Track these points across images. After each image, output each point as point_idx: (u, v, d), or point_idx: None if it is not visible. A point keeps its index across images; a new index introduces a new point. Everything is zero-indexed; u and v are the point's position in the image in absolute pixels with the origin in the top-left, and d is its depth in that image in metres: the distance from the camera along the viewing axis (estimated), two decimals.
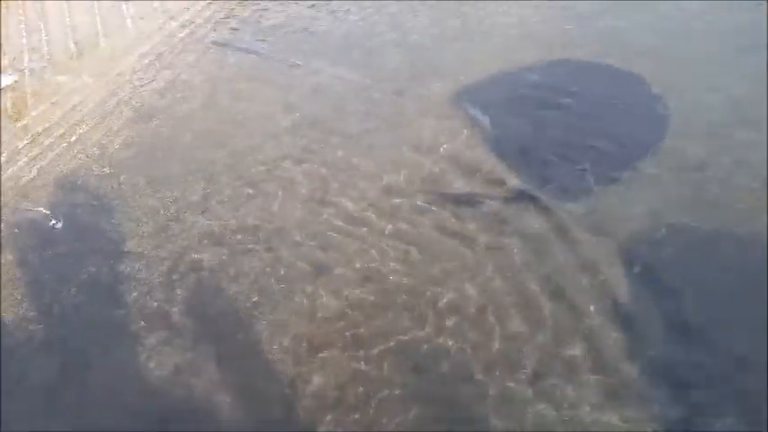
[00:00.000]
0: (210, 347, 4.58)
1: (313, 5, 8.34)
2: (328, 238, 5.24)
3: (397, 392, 4.24)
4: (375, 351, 4.45)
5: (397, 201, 5.48)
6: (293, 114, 6.49)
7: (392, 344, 4.48)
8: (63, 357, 4.58)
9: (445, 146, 5.94)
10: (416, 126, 6.20)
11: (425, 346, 4.46)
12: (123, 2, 8.55)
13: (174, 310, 4.80)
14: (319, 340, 4.55)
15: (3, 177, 5.96)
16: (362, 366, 4.38)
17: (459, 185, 5.59)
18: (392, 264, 4.99)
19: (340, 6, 8.29)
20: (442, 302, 4.69)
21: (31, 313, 4.85)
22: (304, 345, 4.53)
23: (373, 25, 7.79)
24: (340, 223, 5.35)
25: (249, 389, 4.36)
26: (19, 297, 4.96)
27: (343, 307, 4.73)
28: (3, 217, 5.59)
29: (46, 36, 7.99)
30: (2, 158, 6.17)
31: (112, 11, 8.36)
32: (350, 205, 5.48)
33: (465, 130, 6.09)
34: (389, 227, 5.27)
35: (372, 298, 4.77)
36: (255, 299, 4.84)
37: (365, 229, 5.28)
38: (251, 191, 5.70)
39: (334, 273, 4.98)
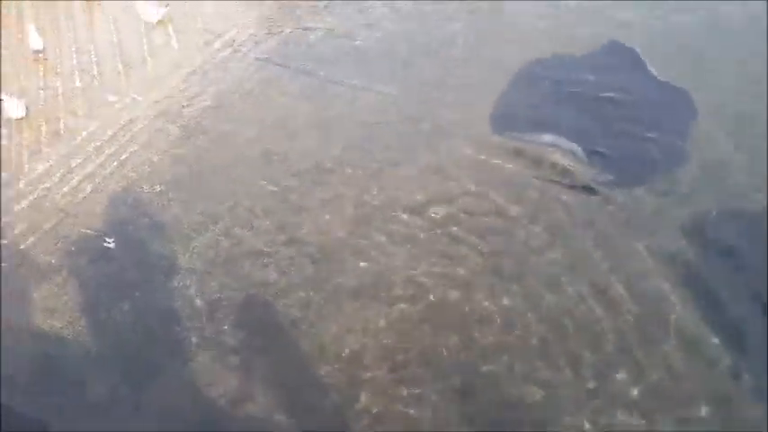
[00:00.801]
0: (260, 363, 4.69)
1: (353, 18, 8.43)
2: (374, 253, 5.30)
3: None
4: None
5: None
6: (337, 132, 6.56)
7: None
8: (118, 373, 4.71)
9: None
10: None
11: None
12: (169, 22, 8.75)
13: (225, 326, 4.91)
14: (371, 355, 4.62)
15: (57, 196, 6.16)
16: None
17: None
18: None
19: (379, 21, 8.36)
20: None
21: (86, 330, 5.01)
22: (354, 361, 4.60)
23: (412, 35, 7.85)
24: (383, 237, 5.43)
25: (300, 403, 4.44)
26: (76, 314, 5.12)
27: (392, 323, 4.79)
28: (59, 235, 5.78)
29: (95, 57, 8.22)
30: (56, 177, 6.37)
31: (158, 31, 8.55)
32: (403, 217, 5.57)
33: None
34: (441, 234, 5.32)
35: (419, 316, 4.82)
36: (303, 314, 4.92)
37: (409, 245, 5.33)
38: (297, 206, 5.80)
39: (381, 285, 5.05)
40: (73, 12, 9.15)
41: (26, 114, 7.21)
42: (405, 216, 5.55)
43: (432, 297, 4.92)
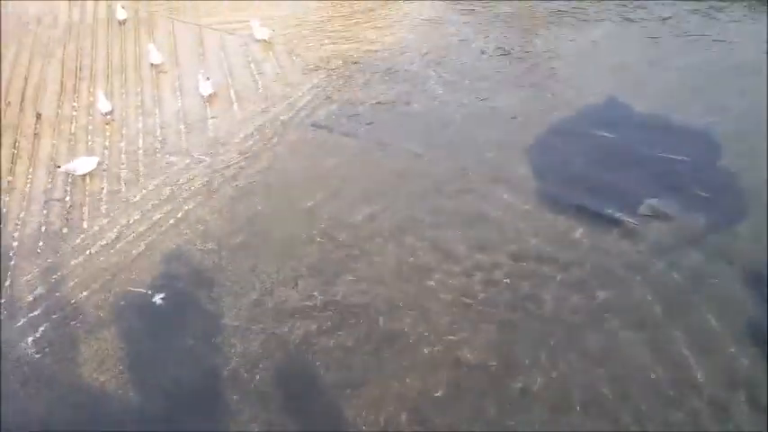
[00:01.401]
0: (299, 423, 4.57)
1: (399, 87, 8.61)
2: (422, 315, 5.21)
3: None
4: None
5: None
6: (382, 197, 6.62)
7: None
8: (158, 427, 4.67)
9: None
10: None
11: None
12: (232, 88, 9.07)
13: (266, 385, 4.83)
14: (411, 418, 4.47)
15: (111, 252, 6.29)
16: None
17: None
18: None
19: (435, 88, 8.51)
20: None
21: (132, 384, 4.99)
22: (395, 424, 4.46)
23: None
24: (430, 300, 5.34)
25: None
26: (121, 368, 5.12)
27: (433, 386, 4.65)
28: (111, 290, 5.87)
29: (159, 119, 8.54)
30: (113, 233, 6.53)
31: (220, 94, 8.87)
32: (449, 281, 5.50)
33: None
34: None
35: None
36: (343, 374, 4.82)
37: (456, 308, 5.22)
38: (341, 268, 5.79)
39: (418, 350, 4.94)
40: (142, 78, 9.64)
41: (92, 171, 7.47)
42: None
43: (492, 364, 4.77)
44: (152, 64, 9.92)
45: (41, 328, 5.56)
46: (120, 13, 11.53)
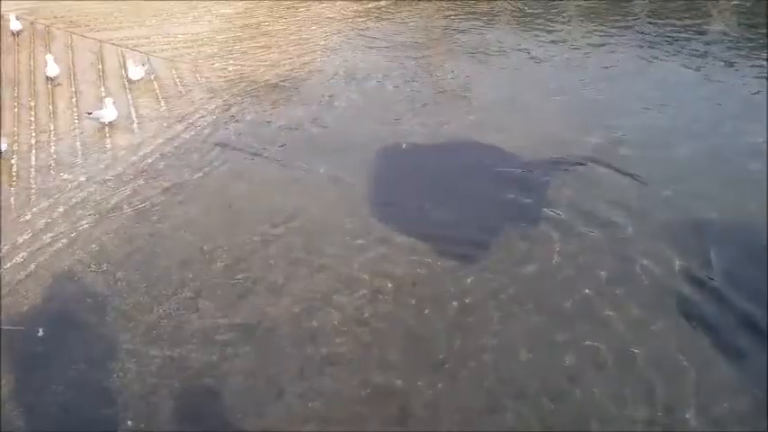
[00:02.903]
0: None
1: (305, 108, 8.69)
2: (319, 338, 5.23)
3: None
4: None
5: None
6: (288, 218, 6.59)
7: None
8: None
9: None
10: None
11: None
12: (132, 106, 8.87)
13: (163, 411, 4.71)
14: None
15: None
16: None
17: None
18: None
19: (344, 110, 8.63)
20: None
21: (17, 415, 4.75)
22: None
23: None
24: (335, 320, 5.37)
25: None
26: (6, 398, 4.87)
27: (336, 406, 4.67)
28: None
29: (54, 136, 8.23)
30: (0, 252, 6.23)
31: (119, 112, 8.64)
32: (344, 302, 5.52)
33: None
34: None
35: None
36: (243, 400, 4.75)
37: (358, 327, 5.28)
38: (242, 291, 5.72)
39: (325, 371, 4.94)
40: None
41: None
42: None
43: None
44: (48, 77, 9.56)
45: None
46: (14, 24, 11.07)
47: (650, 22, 11.26)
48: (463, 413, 4.56)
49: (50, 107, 8.93)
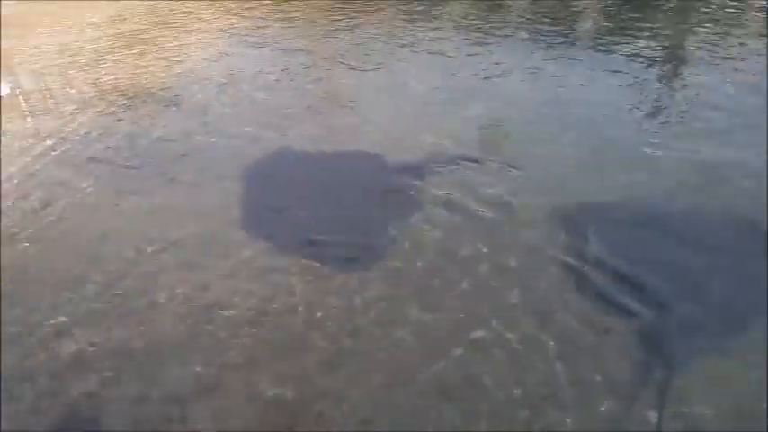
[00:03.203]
0: None
1: (186, 119, 8.40)
2: (211, 353, 5.02)
3: None
4: None
5: None
6: (170, 233, 6.31)
7: None
8: None
9: None
10: None
11: None
12: None
13: None
14: None
15: None
16: None
17: None
18: None
19: (227, 118, 8.39)
20: None
21: None
22: None
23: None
24: (222, 334, 5.17)
25: None
26: None
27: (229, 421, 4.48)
28: None
29: None
30: None
31: None
32: (233, 312, 5.33)
33: None
34: None
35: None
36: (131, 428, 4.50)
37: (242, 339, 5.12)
38: (122, 313, 5.40)
39: (214, 393, 4.74)
40: None
41: None
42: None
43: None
44: None
45: None
46: None
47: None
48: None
49: None
